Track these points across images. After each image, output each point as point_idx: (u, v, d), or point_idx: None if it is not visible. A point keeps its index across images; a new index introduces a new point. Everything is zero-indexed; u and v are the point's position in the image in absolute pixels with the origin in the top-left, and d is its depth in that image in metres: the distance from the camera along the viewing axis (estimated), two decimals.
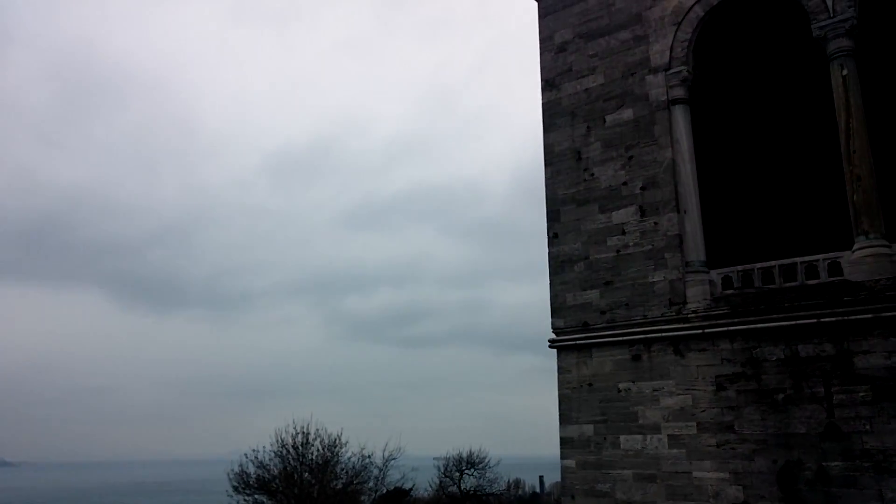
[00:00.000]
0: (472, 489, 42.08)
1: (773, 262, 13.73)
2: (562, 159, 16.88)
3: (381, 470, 35.02)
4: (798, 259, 13.41)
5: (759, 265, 13.88)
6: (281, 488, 32.72)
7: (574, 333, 15.90)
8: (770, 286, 13.62)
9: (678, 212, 14.88)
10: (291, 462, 33.31)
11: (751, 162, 18.25)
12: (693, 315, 14.30)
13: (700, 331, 14.12)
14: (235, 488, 32.28)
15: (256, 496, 32.81)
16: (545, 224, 16.86)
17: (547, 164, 17.15)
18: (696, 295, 14.39)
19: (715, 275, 14.39)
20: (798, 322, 13.02)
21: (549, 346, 16.26)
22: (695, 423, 13.80)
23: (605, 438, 14.95)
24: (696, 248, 14.74)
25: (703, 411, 13.80)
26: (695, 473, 13.62)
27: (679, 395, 14.12)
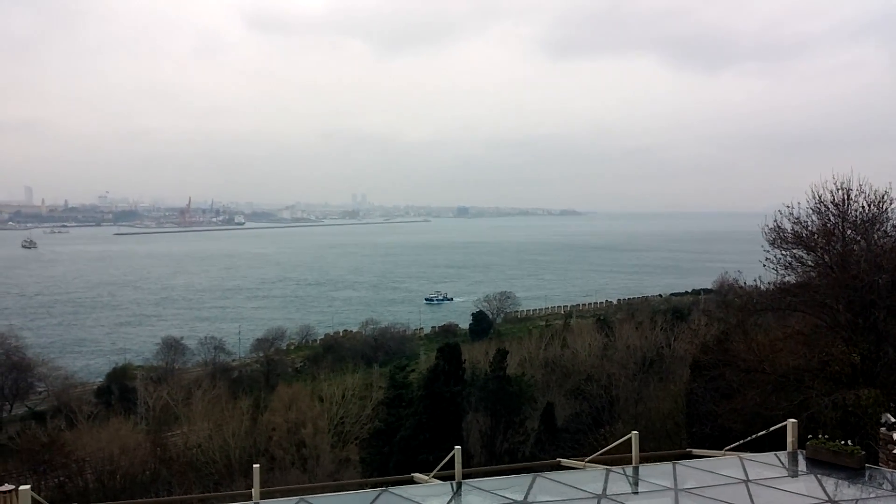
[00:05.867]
0: None
1: None
2: None
3: None
4: None
5: None
6: (820, 244, 32.46)
7: None
8: None
9: None
10: (831, 219, 32.39)
11: None
12: None
13: None
14: (771, 242, 33.41)
15: (794, 251, 33.39)
16: None
17: None
18: None
19: None
20: None
21: None
22: None
23: None
24: None
25: None
26: None
27: None
